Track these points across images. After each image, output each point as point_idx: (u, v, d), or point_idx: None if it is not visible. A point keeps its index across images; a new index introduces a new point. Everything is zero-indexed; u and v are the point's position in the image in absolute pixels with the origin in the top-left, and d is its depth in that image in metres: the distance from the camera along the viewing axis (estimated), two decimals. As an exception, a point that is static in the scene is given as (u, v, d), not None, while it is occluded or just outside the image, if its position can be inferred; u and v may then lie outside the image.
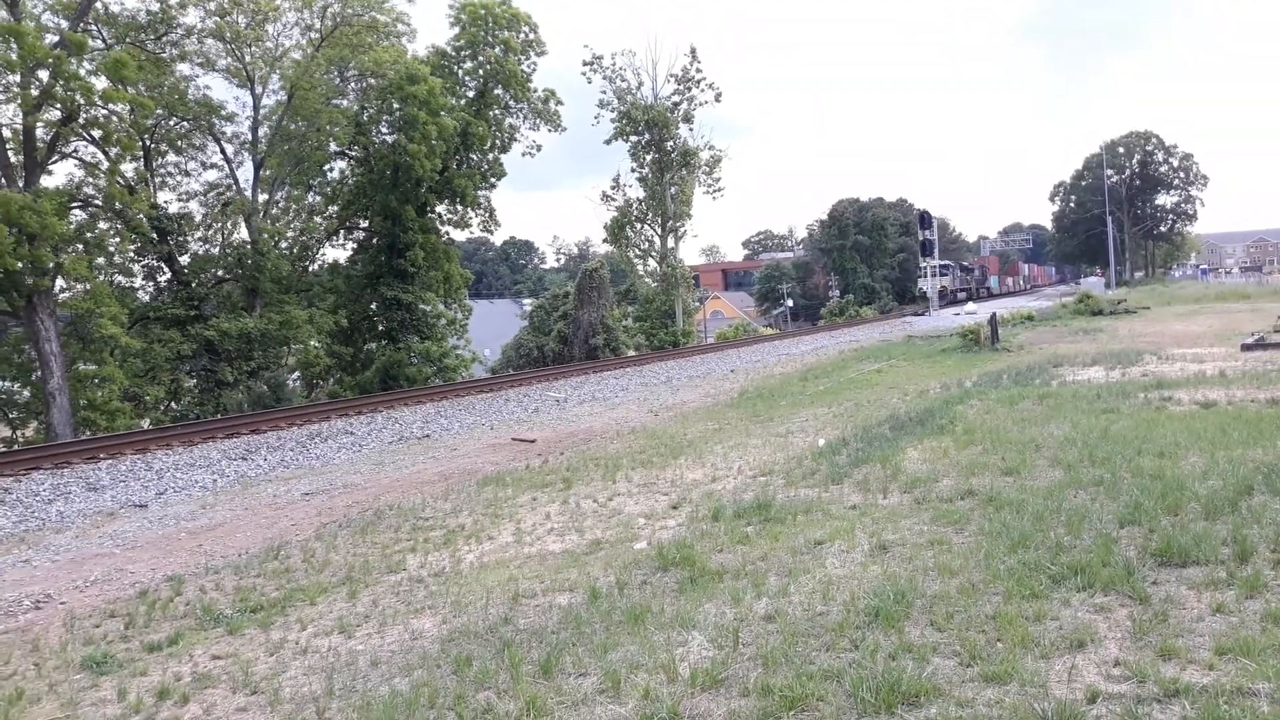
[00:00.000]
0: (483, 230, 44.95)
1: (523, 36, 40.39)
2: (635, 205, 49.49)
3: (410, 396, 23.83)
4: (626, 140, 48.52)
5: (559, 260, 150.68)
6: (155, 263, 33.46)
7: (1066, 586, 5.43)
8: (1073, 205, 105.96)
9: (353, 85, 37.87)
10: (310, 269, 39.10)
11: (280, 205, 38.22)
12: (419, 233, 37.33)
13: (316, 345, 36.18)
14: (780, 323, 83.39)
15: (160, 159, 34.55)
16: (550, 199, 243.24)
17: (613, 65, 48.27)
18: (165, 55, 32.15)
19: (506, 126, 41.36)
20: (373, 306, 38.10)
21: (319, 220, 39.88)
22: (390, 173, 36.12)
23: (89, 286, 28.13)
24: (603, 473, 11.20)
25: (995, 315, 29.64)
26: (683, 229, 50.02)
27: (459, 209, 40.65)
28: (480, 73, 40.13)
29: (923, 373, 21.16)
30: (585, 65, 48.09)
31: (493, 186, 41.61)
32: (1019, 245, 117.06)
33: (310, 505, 11.13)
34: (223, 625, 6.58)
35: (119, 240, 30.96)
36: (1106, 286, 70.50)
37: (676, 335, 48.10)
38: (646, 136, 48.24)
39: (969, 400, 14.34)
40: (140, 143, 31.49)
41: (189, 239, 34.58)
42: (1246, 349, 18.88)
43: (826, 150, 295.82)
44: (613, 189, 49.43)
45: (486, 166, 40.93)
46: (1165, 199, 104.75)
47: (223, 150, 35.63)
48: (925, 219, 65.18)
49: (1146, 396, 12.94)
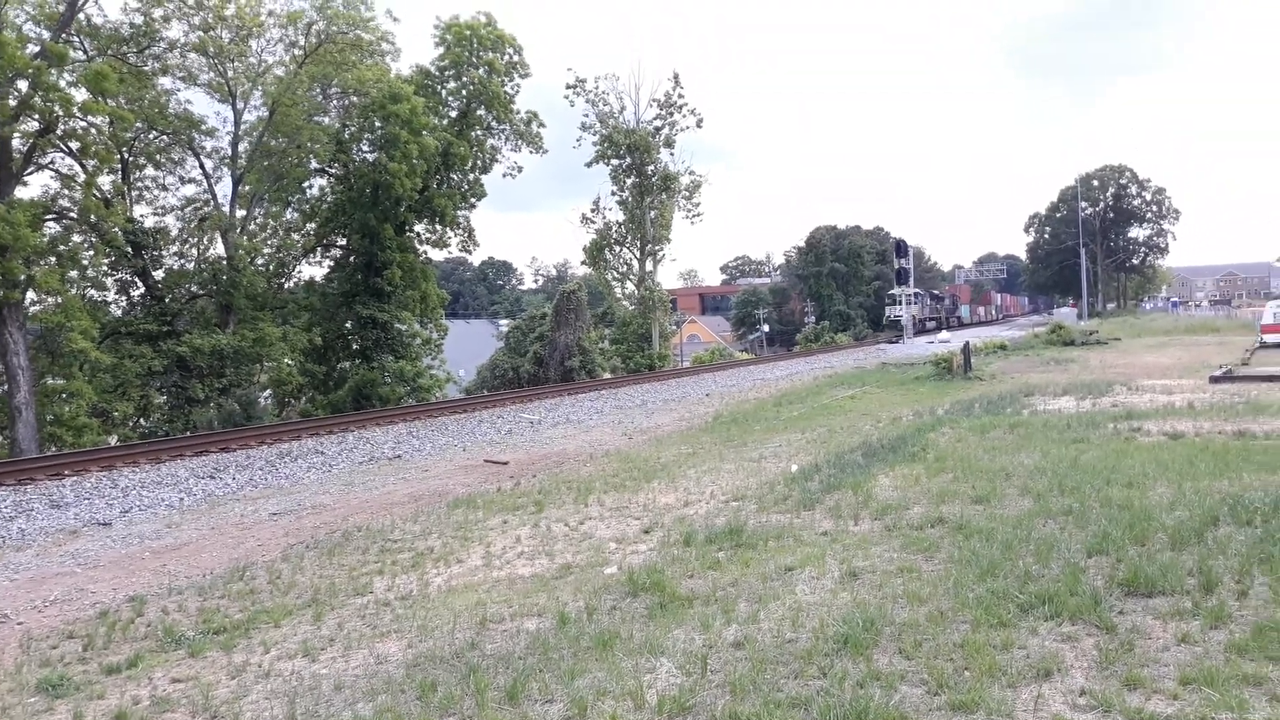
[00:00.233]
0: (461, 250, 45.08)
1: (507, 58, 40.68)
2: (615, 228, 49.76)
3: (383, 416, 23.68)
4: (608, 163, 48.84)
5: (537, 281, 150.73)
6: (129, 277, 33.07)
7: (1034, 615, 5.47)
8: (1047, 236, 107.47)
9: (335, 103, 37.81)
10: (286, 286, 38.82)
11: (258, 221, 37.96)
12: (397, 251, 37.31)
13: (289, 363, 35.81)
14: (756, 348, 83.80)
15: (138, 172, 34.27)
16: (530, 220, 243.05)
17: (596, 89, 48.78)
18: (147, 68, 31.98)
19: (488, 147, 41.56)
20: (348, 325, 37.90)
21: (297, 237, 39.68)
22: (370, 191, 36.11)
23: (60, 300, 27.81)
24: (575, 496, 11.14)
25: (968, 344, 29.97)
26: (661, 253, 50.42)
27: (438, 228, 40.72)
28: (463, 93, 40.34)
29: (896, 400, 21.30)
30: (569, 89, 48.52)
31: (473, 207, 41.84)
32: (993, 275, 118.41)
33: (278, 525, 10.99)
34: (184, 647, 6.44)
35: (93, 254, 30.61)
36: (1079, 317, 71.36)
37: (653, 358, 48.21)
38: (628, 160, 48.55)
39: (941, 428, 14.46)
40: (118, 156, 31.22)
41: (164, 254, 34.19)
42: (1215, 381, 19.20)
43: (808, 166, 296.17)
44: (593, 211, 49.80)
45: (467, 187, 41.05)
46: (1138, 231, 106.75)
47: (202, 165, 35.38)
48: (901, 247, 65.83)
49: (1116, 427, 13.12)
